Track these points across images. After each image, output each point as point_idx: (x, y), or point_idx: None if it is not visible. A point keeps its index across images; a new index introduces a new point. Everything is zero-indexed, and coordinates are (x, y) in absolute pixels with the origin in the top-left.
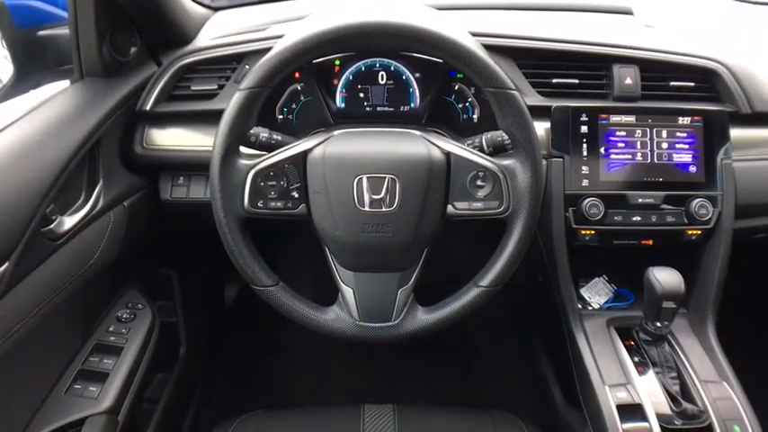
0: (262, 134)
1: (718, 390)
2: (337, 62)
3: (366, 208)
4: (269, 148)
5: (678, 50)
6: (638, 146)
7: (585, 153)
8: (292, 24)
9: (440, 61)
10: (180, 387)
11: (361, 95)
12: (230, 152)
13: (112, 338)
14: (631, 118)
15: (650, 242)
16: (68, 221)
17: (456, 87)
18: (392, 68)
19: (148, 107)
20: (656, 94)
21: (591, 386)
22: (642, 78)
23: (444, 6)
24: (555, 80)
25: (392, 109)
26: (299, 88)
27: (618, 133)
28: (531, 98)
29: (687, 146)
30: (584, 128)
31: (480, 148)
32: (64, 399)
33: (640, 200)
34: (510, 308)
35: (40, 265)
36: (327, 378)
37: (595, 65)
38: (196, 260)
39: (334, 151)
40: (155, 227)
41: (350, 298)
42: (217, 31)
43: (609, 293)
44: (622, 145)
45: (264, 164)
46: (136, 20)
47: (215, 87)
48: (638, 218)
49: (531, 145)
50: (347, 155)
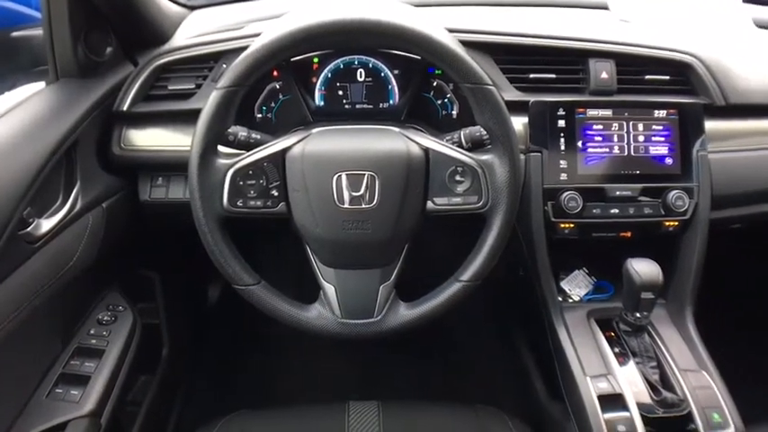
0: (240, 133)
1: (697, 378)
2: (315, 60)
3: (346, 205)
4: (248, 147)
5: (653, 44)
6: (614, 139)
7: (563, 147)
8: (269, 23)
9: (418, 58)
10: (163, 389)
11: (339, 93)
12: (208, 151)
13: (93, 341)
14: (608, 112)
15: (628, 234)
16: (46, 224)
17: (435, 84)
18: (371, 66)
19: (125, 107)
20: (632, 88)
21: (572, 377)
22: (618, 72)
23: (422, 3)
24: (532, 75)
25: (371, 106)
26: (278, 87)
27: (595, 127)
28: (509, 93)
29: (663, 138)
30: (561, 122)
31: (459, 144)
32: (45, 403)
33: (618, 192)
34: (491, 302)
35: (18, 269)
36: (312, 376)
37: (572, 59)
38: (177, 261)
39: (313, 149)
40: (134, 228)
41: (331, 295)
42: (193, 30)
43: (589, 286)
44: (599, 138)
45: (243, 163)
46: (111, 19)
47: (192, 87)
48: (615, 210)
49: (509, 140)
50: (326, 152)
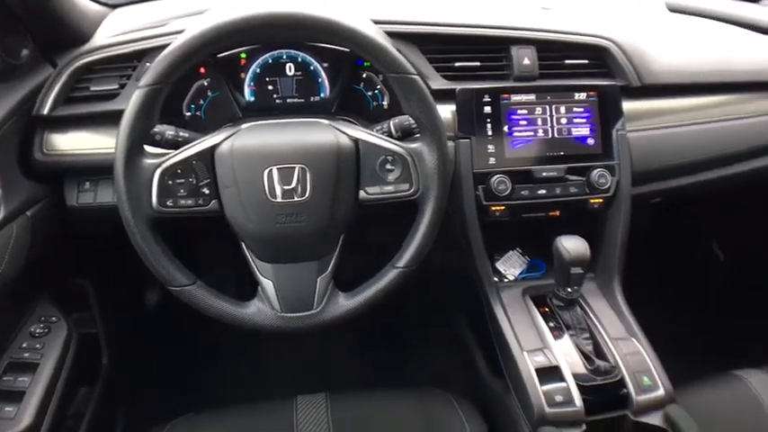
0: (167, 132)
1: (627, 346)
2: (243, 55)
3: (278, 199)
4: (176, 146)
5: (571, 30)
6: (539, 122)
7: (490, 132)
8: (193, 19)
9: (347, 50)
10: (105, 399)
11: (269, 88)
12: (134, 152)
13: (26, 355)
14: (531, 96)
15: (557, 213)
16: None
17: (364, 75)
18: (300, 59)
19: (46, 111)
20: (553, 73)
21: (510, 353)
22: (539, 58)
23: None
24: (458, 63)
25: (302, 100)
26: (206, 84)
27: (519, 112)
28: (436, 82)
29: (584, 120)
30: (487, 108)
31: (389, 134)
32: None
33: (544, 174)
34: (433, 287)
35: None
36: (259, 374)
37: (495, 47)
38: (112, 266)
39: (241, 144)
40: (63, 236)
41: (270, 290)
42: (115, 29)
43: (523, 265)
44: (524, 123)
45: (171, 162)
46: (25, 20)
47: (116, 87)
48: (543, 191)
49: (436, 127)
50: (255, 147)
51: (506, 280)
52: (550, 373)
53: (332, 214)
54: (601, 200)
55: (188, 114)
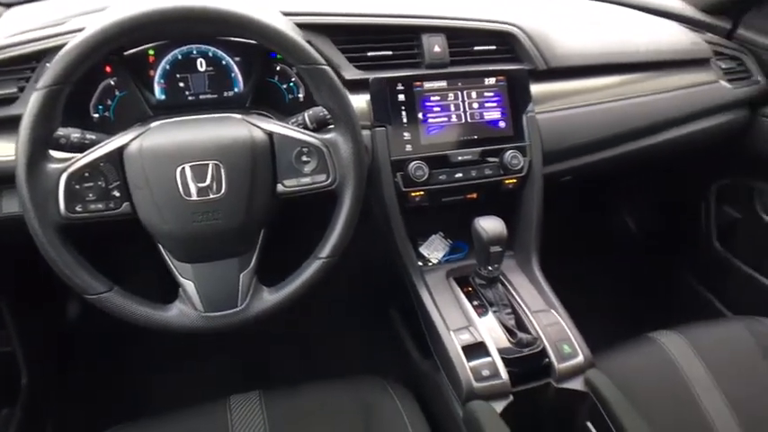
0: (73, 135)
1: (547, 317)
2: (151, 52)
3: (193, 197)
4: (83, 149)
5: (479, 17)
6: (452, 108)
7: (405, 120)
8: (93, 16)
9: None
10: (29, 420)
11: (181, 85)
12: (36, 157)
13: None
14: (443, 83)
15: (475, 195)
16: None
17: (278, 68)
18: (210, 54)
19: None
20: (464, 59)
21: (437, 333)
22: (450, 45)
23: None
24: (370, 53)
25: (215, 96)
26: (113, 83)
27: (432, 98)
28: (349, 72)
29: (495, 104)
30: (401, 96)
31: (304, 125)
32: None
33: (460, 158)
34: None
35: None
36: (191, 378)
37: (406, 36)
38: (26, 281)
39: (151, 143)
40: None
41: (191, 291)
42: (10, 30)
43: (445, 248)
44: (438, 109)
45: (77, 165)
46: None
47: (14, 91)
48: (460, 174)
49: (349, 117)
50: (166, 145)
51: (430, 263)
52: (476, 350)
53: (250, 209)
54: (515, 180)
55: (96, 116)
